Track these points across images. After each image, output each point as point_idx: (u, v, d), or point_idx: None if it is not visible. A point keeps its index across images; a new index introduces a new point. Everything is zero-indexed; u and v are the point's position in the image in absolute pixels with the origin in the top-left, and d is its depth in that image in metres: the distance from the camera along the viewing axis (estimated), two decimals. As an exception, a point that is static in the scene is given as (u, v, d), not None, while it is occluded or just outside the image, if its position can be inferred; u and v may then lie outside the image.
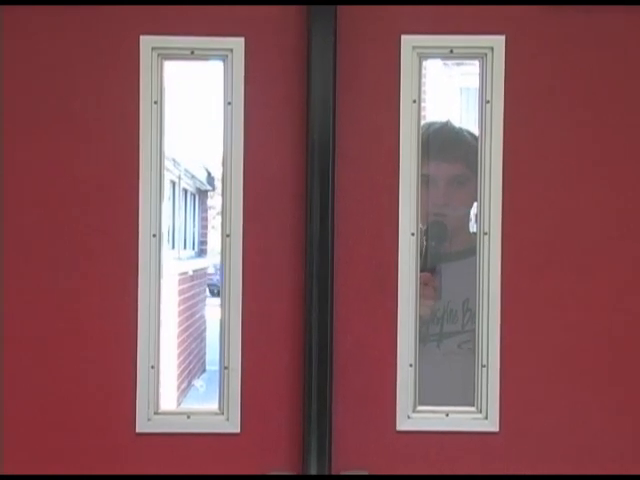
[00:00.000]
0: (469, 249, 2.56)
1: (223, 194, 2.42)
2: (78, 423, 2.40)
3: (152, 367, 2.40)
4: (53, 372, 2.39)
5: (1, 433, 2.39)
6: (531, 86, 2.41)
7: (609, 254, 2.42)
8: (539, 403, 2.42)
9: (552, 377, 2.42)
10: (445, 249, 2.75)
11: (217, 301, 2.50)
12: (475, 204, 2.51)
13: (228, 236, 2.41)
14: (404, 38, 2.39)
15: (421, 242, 2.44)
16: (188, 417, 2.43)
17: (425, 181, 2.49)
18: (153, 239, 2.40)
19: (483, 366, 2.42)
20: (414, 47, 2.39)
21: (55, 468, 2.39)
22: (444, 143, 2.79)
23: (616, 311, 2.42)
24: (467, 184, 2.69)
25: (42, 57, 2.39)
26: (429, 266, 2.67)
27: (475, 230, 2.50)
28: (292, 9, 2.38)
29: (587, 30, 2.41)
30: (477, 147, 2.45)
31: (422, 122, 2.46)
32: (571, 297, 2.41)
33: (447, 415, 2.43)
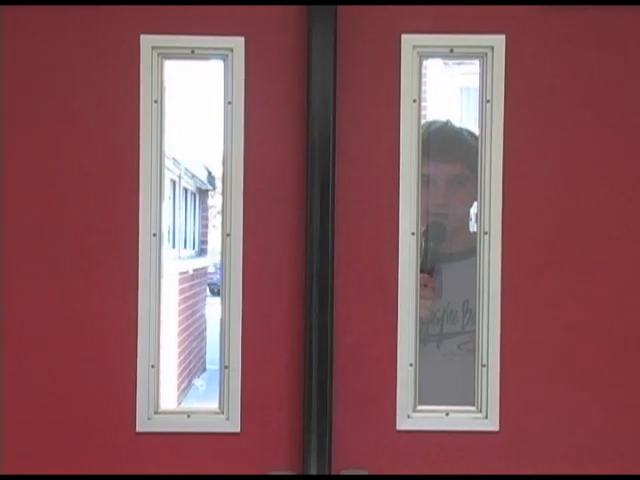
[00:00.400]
0: (469, 249, 2.56)
1: (223, 193, 2.42)
2: (78, 422, 2.40)
3: (152, 366, 2.40)
4: (53, 372, 2.39)
5: (1, 433, 2.39)
6: (531, 86, 2.41)
7: (609, 254, 2.42)
8: (539, 403, 2.42)
9: (552, 377, 2.42)
10: (444, 250, 2.75)
11: (217, 300, 2.50)
12: (475, 203, 2.51)
13: (228, 235, 2.41)
14: (404, 37, 2.39)
15: (420, 243, 2.44)
16: (188, 416, 2.43)
17: (425, 181, 2.48)
18: (153, 238, 2.40)
19: (483, 366, 2.42)
20: (414, 46, 2.39)
21: (55, 468, 2.39)
22: (444, 143, 2.79)
23: (616, 311, 2.42)
24: (467, 184, 2.69)
25: (42, 57, 2.39)
26: (428, 267, 2.66)
27: (475, 230, 2.50)
28: (292, 9, 2.38)
29: (587, 30, 2.41)
30: (477, 147, 2.45)
31: (422, 121, 2.47)
32: (571, 297, 2.41)
33: (447, 414, 2.43)
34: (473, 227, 2.71)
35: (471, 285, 2.44)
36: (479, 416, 2.42)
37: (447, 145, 2.80)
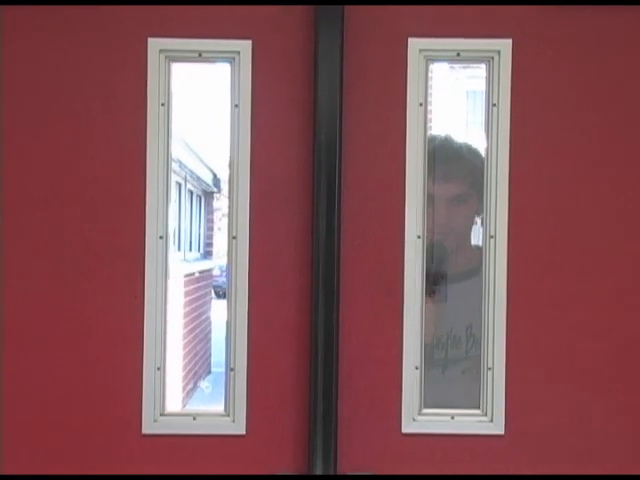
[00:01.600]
0: (472, 269, 2.55)
1: (230, 196, 2.43)
2: (84, 424, 2.40)
3: (158, 369, 2.41)
4: (60, 373, 2.39)
5: (1, 434, 2.39)
6: (538, 89, 2.41)
7: (615, 257, 2.41)
8: (545, 406, 2.42)
9: (558, 380, 2.42)
10: (446, 270, 2.69)
11: (222, 303, 2.50)
12: (477, 219, 2.49)
13: (234, 238, 2.41)
14: (411, 41, 2.39)
15: (421, 265, 2.43)
16: (194, 419, 2.43)
17: (427, 200, 2.46)
18: (160, 241, 2.41)
19: (489, 369, 2.42)
20: (421, 50, 2.40)
21: (61, 469, 2.39)
22: (444, 159, 2.73)
23: (622, 314, 2.42)
24: (468, 201, 2.65)
25: (49, 58, 2.39)
26: (429, 290, 2.57)
27: (478, 243, 2.49)
28: (299, 10, 2.38)
29: (594, 33, 2.41)
30: (477, 162, 2.45)
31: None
32: (577, 300, 2.41)
33: (452, 418, 2.43)
34: (476, 240, 2.66)
35: (475, 307, 2.43)
36: (484, 419, 2.42)
37: (447, 162, 2.75)
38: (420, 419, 2.42)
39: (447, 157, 2.70)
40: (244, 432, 2.40)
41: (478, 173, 2.45)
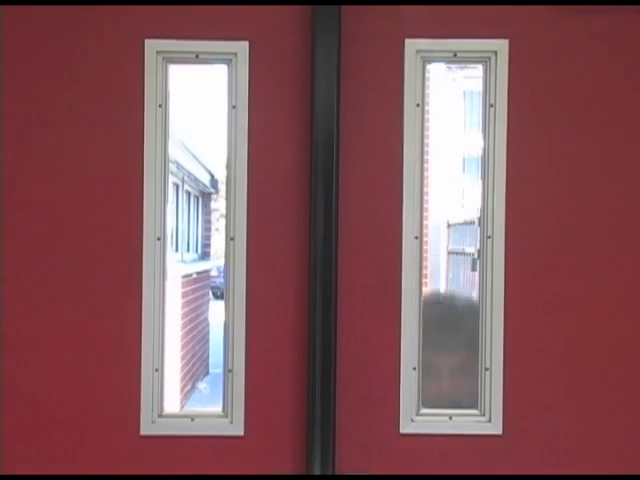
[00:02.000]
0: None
1: (227, 197, 2.43)
2: (83, 425, 2.40)
3: (156, 370, 2.41)
4: (58, 375, 2.40)
5: (1, 434, 2.39)
6: (535, 90, 2.41)
7: (612, 258, 2.42)
8: (543, 406, 2.42)
9: (556, 380, 2.42)
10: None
11: (220, 303, 2.50)
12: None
13: (232, 239, 2.41)
14: (408, 42, 2.40)
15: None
16: (192, 420, 2.43)
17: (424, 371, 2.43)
18: (157, 242, 2.41)
19: (486, 369, 2.42)
20: (418, 51, 2.40)
21: (60, 469, 2.39)
22: (444, 329, 2.68)
23: (619, 314, 2.42)
24: (468, 367, 2.60)
25: (49, 58, 2.39)
26: None
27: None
28: (296, 11, 2.38)
29: (592, 33, 2.41)
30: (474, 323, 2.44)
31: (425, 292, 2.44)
32: (574, 300, 2.42)
33: (450, 418, 2.43)
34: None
35: None
36: (482, 419, 2.43)
37: (447, 331, 2.70)
38: (418, 419, 2.42)
39: (446, 324, 2.68)
40: (242, 433, 2.41)
41: (475, 332, 2.43)
